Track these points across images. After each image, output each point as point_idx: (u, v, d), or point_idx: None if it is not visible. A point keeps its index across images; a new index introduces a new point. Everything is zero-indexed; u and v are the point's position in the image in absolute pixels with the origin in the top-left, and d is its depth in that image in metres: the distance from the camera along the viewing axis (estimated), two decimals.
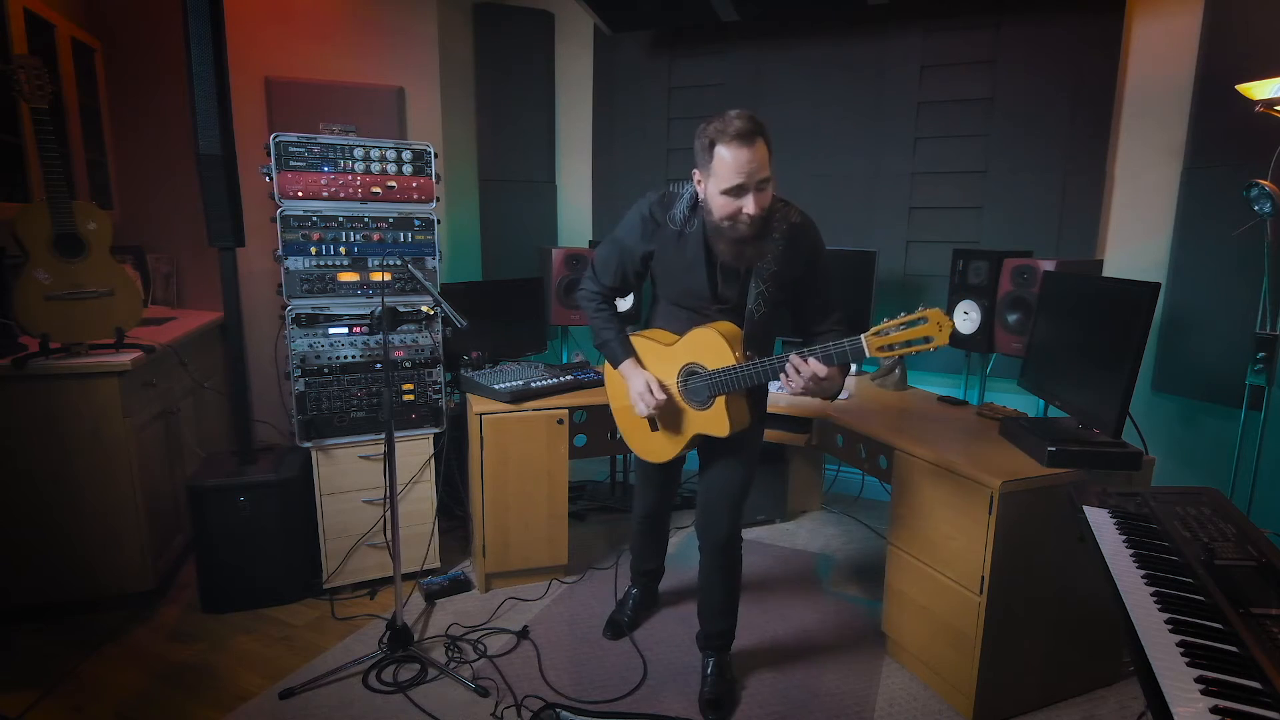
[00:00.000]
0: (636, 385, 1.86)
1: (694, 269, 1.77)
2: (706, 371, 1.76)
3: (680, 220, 1.78)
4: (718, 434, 1.80)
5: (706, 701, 1.99)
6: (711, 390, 1.76)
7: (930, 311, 1.46)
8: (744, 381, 1.70)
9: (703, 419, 1.82)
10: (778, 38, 3.35)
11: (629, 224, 1.87)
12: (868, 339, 1.52)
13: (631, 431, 2.04)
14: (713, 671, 2.05)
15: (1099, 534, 1.39)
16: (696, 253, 1.76)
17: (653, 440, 1.98)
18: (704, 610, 2.08)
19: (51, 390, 2.20)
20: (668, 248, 1.81)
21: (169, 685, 2.06)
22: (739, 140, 1.55)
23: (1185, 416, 2.76)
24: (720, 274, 1.78)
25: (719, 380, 1.74)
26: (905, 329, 1.48)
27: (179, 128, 3.04)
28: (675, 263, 1.81)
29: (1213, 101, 2.56)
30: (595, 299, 1.99)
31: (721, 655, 2.08)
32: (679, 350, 1.84)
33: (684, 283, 1.82)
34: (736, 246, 1.67)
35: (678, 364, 1.85)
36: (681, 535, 3.05)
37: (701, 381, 1.78)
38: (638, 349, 1.95)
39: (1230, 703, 0.89)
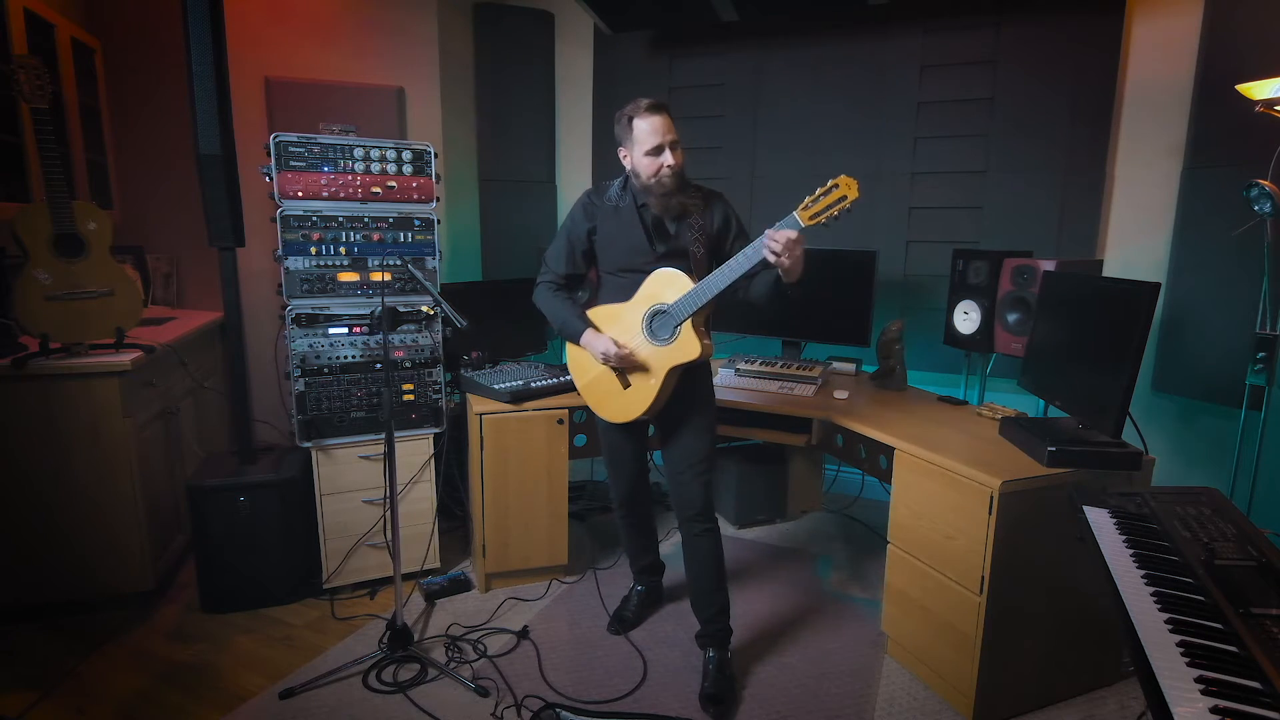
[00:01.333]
0: (601, 345, 2.00)
1: (631, 231, 2.02)
2: (670, 304, 1.93)
3: (615, 197, 2.07)
4: (690, 357, 1.93)
5: (707, 697, 2.01)
6: (677, 318, 1.92)
7: (839, 179, 1.76)
8: (714, 287, 1.87)
9: (671, 351, 1.95)
10: (778, 37, 3.35)
11: (573, 214, 2.13)
12: (798, 213, 1.79)
13: (603, 399, 2.10)
14: (713, 667, 2.07)
15: (1099, 534, 1.39)
16: (631, 218, 2.02)
17: (627, 396, 2.05)
18: (695, 598, 2.15)
19: (51, 390, 2.20)
20: (607, 221, 2.06)
21: (169, 685, 2.06)
22: (650, 111, 1.91)
23: (1185, 416, 2.76)
24: (654, 232, 2.02)
25: (683, 304, 1.90)
26: (824, 197, 1.77)
27: (179, 128, 3.04)
28: (615, 231, 2.04)
29: (1213, 101, 2.56)
30: (550, 287, 2.16)
31: (721, 651, 2.10)
32: (638, 300, 2.00)
33: (624, 245, 2.03)
34: (664, 199, 1.95)
35: (639, 314, 2.00)
36: (678, 536, 3.04)
37: (666, 316, 1.95)
38: (599, 316, 2.09)
39: (1230, 703, 0.89)
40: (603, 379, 2.08)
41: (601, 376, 2.08)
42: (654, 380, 1.98)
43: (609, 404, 2.09)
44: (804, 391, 2.66)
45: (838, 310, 2.89)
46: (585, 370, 2.12)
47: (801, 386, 2.69)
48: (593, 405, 2.14)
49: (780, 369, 2.84)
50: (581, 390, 2.16)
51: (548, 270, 2.16)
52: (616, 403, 2.07)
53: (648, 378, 2.00)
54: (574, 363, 2.17)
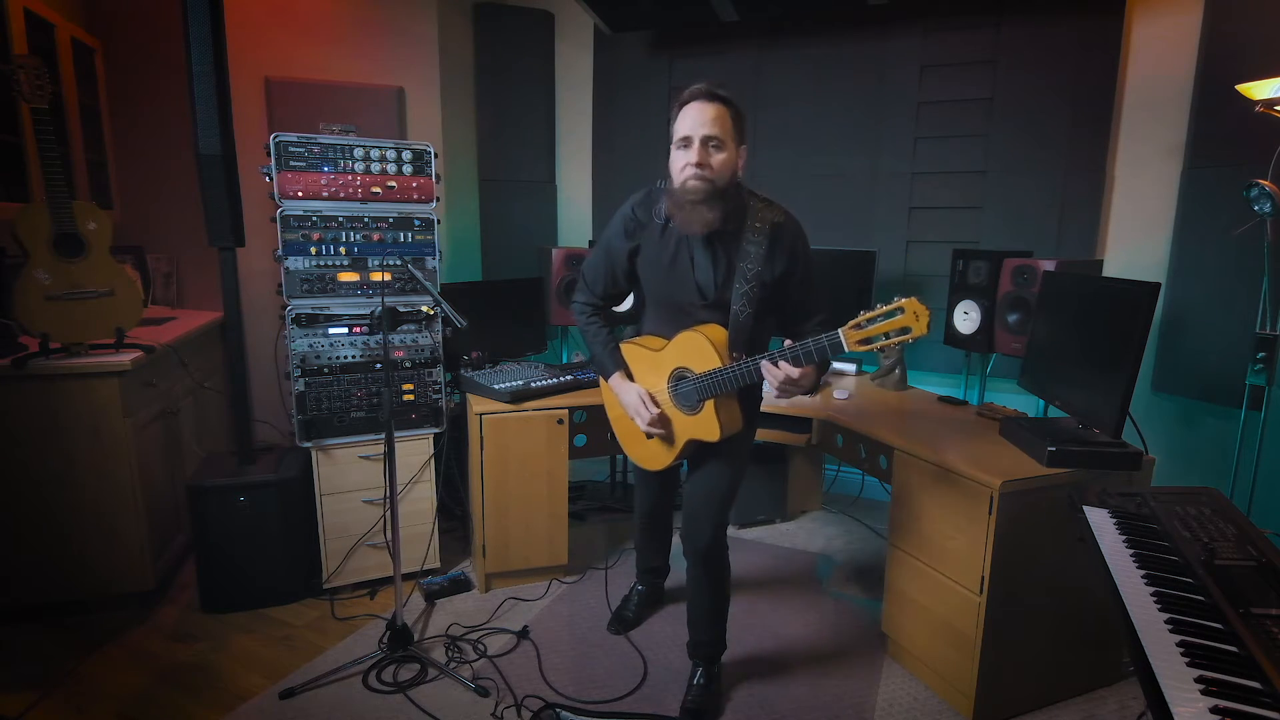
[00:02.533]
0: (629, 399, 1.86)
1: (676, 263, 1.75)
2: (694, 375, 1.74)
3: (664, 215, 1.76)
4: (708, 438, 1.76)
5: (686, 710, 1.96)
6: (700, 394, 1.74)
7: (905, 301, 1.44)
8: (730, 383, 1.68)
9: (693, 424, 1.79)
10: (778, 38, 3.35)
11: (613, 225, 1.86)
12: (845, 332, 1.51)
13: (627, 438, 2.04)
14: (699, 681, 2.01)
15: (1099, 534, 1.39)
16: (679, 247, 1.74)
17: (648, 448, 1.96)
18: (691, 618, 2.06)
19: (51, 390, 2.20)
20: (651, 243, 1.79)
21: (169, 685, 2.06)
22: (693, 97, 1.60)
23: (1185, 416, 2.75)
24: (700, 267, 1.73)
25: (706, 383, 1.71)
26: (884, 320, 1.46)
27: (179, 128, 3.04)
28: (659, 259, 1.78)
29: (1213, 101, 2.56)
30: (586, 310, 1.98)
31: (709, 666, 2.04)
32: (667, 355, 1.82)
33: (668, 279, 1.78)
34: (686, 209, 1.63)
35: (667, 369, 1.82)
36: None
37: (690, 385, 1.76)
38: (627, 356, 1.94)
39: (1230, 703, 0.89)
40: (629, 419, 1.95)
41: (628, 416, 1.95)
42: (674, 447, 1.85)
43: (632, 445, 2.02)
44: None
45: (838, 310, 2.86)
46: (615, 404, 2.00)
47: None
48: (620, 439, 2.06)
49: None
50: (611, 421, 2.07)
51: (585, 288, 1.95)
52: (639, 448, 1.99)
53: (669, 441, 1.87)
54: (608, 392, 2.02)
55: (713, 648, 2.05)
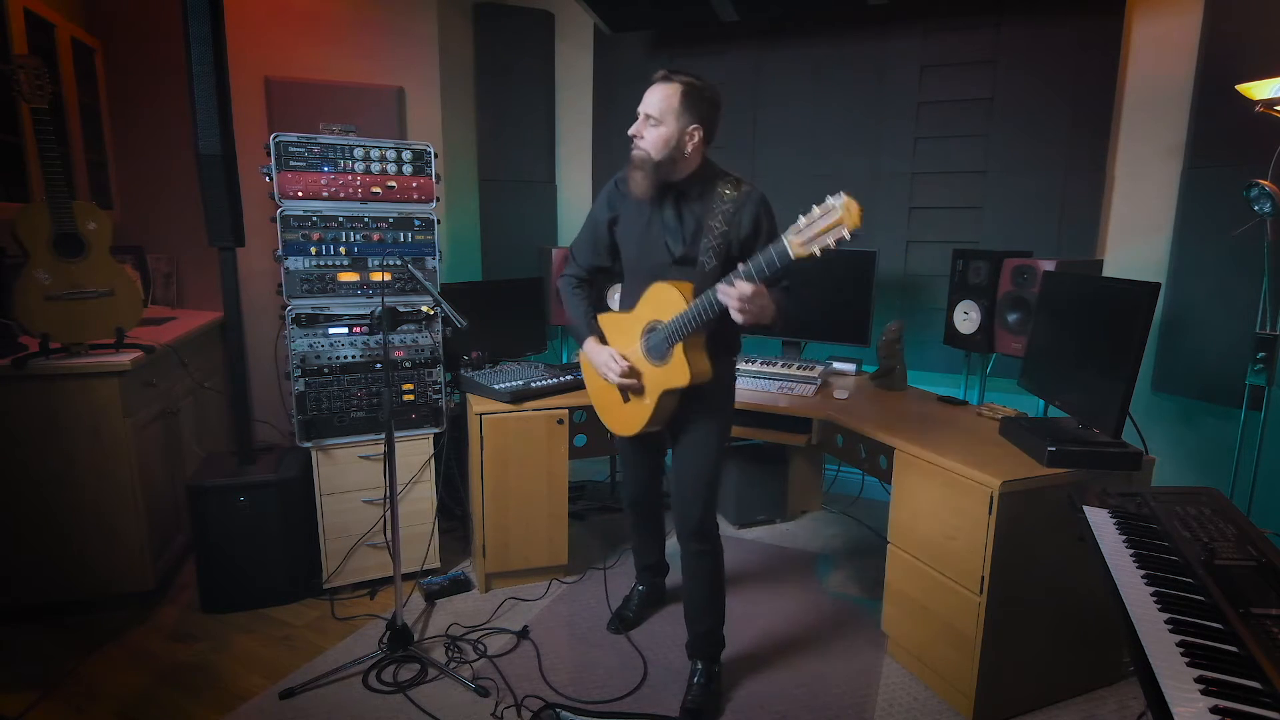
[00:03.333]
0: (600, 358, 1.96)
1: (650, 227, 1.90)
2: (664, 324, 1.83)
3: None
4: (679, 383, 1.81)
5: (686, 710, 1.97)
6: (669, 338, 1.81)
7: (841, 200, 1.55)
8: (695, 318, 1.74)
9: (664, 374, 1.85)
10: (778, 37, 3.35)
11: (598, 200, 2.04)
12: (788, 239, 1.58)
13: (606, 409, 2.08)
14: (699, 679, 2.03)
15: (1099, 534, 1.39)
16: (652, 213, 1.90)
17: (624, 411, 2.00)
18: (688, 610, 2.08)
19: (51, 390, 2.20)
20: (629, 212, 1.96)
21: (169, 685, 2.06)
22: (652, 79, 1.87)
23: (1185, 416, 2.76)
24: (670, 230, 1.88)
25: (674, 326, 1.79)
26: (821, 221, 1.55)
27: (179, 128, 3.04)
28: (633, 225, 1.94)
29: (1213, 101, 2.56)
30: (572, 281, 2.09)
31: (709, 664, 2.05)
32: (638, 312, 1.92)
33: (642, 242, 1.93)
34: (629, 171, 1.85)
35: (639, 326, 1.91)
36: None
37: (660, 335, 1.84)
38: (603, 325, 2.04)
39: (1230, 703, 0.89)
40: (607, 388, 2.02)
41: (606, 385, 2.01)
42: (648, 400, 1.89)
43: (611, 414, 2.06)
44: (804, 391, 2.66)
45: (838, 310, 2.90)
46: (593, 376, 2.07)
47: (801, 386, 2.69)
48: (599, 413, 2.10)
49: (780, 369, 2.84)
50: (591, 395, 2.13)
51: (572, 261, 2.09)
52: (617, 414, 2.03)
53: (642, 398, 1.92)
54: (586, 366, 2.11)
55: (711, 642, 2.06)
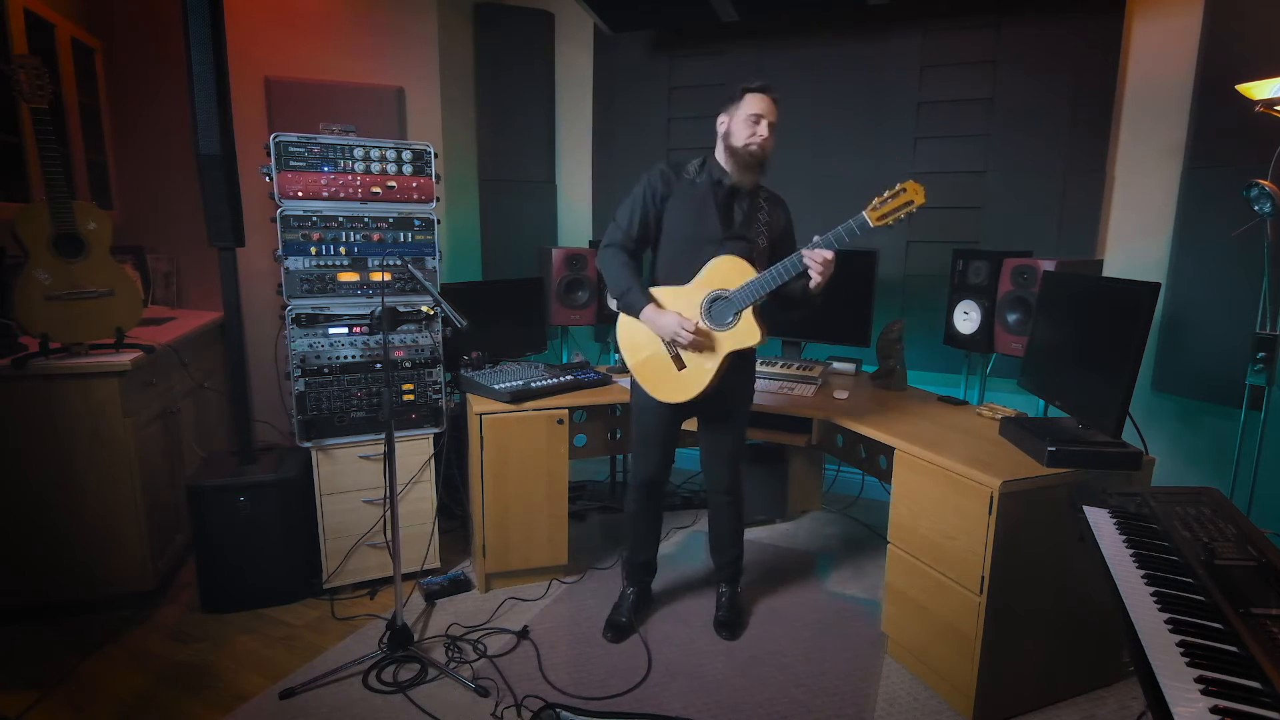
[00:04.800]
0: (667, 322, 2.05)
1: (705, 207, 2.10)
2: (732, 291, 2.02)
3: (693, 172, 2.15)
4: (750, 342, 2.04)
5: (720, 622, 2.35)
6: (739, 305, 2.02)
7: (906, 184, 1.90)
8: (776, 279, 1.98)
9: (734, 335, 2.04)
10: (778, 37, 3.35)
11: (647, 182, 2.15)
12: (867, 213, 1.92)
13: (657, 378, 2.14)
14: (726, 599, 2.40)
15: (1099, 534, 1.39)
16: (705, 195, 2.11)
17: (682, 378, 2.11)
18: (715, 544, 2.43)
19: (51, 390, 2.20)
20: (683, 193, 2.13)
21: (169, 685, 2.06)
22: (764, 91, 2.05)
23: (1185, 416, 2.76)
24: (723, 213, 2.11)
25: (746, 291, 2.00)
26: (893, 199, 1.90)
27: (179, 128, 3.04)
28: (688, 205, 2.12)
29: (1213, 101, 2.56)
30: (621, 251, 2.15)
31: (733, 586, 2.43)
32: (698, 285, 2.07)
33: (694, 220, 2.11)
34: (745, 169, 2.07)
35: (699, 297, 2.07)
36: (681, 535, 3.05)
37: (725, 303, 2.04)
38: (656, 297, 2.12)
39: (1230, 703, 0.89)
40: (657, 358, 2.12)
41: (656, 355, 2.12)
42: (711, 364, 2.06)
43: (664, 384, 2.13)
44: (804, 391, 2.66)
45: (838, 310, 2.89)
46: (639, 348, 2.16)
47: (801, 386, 2.69)
48: (645, 384, 2.17)
49: (780, 369, 2.84)
50: (633, 368, 2.18)
51: (618, 229, 2.15)
52: (672, 383, 2.12)
53: (704, 360, 2.07)
54: (627, 340, 2.19)
55: (736, 566, 2.42)
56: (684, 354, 2.09)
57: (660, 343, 2.11)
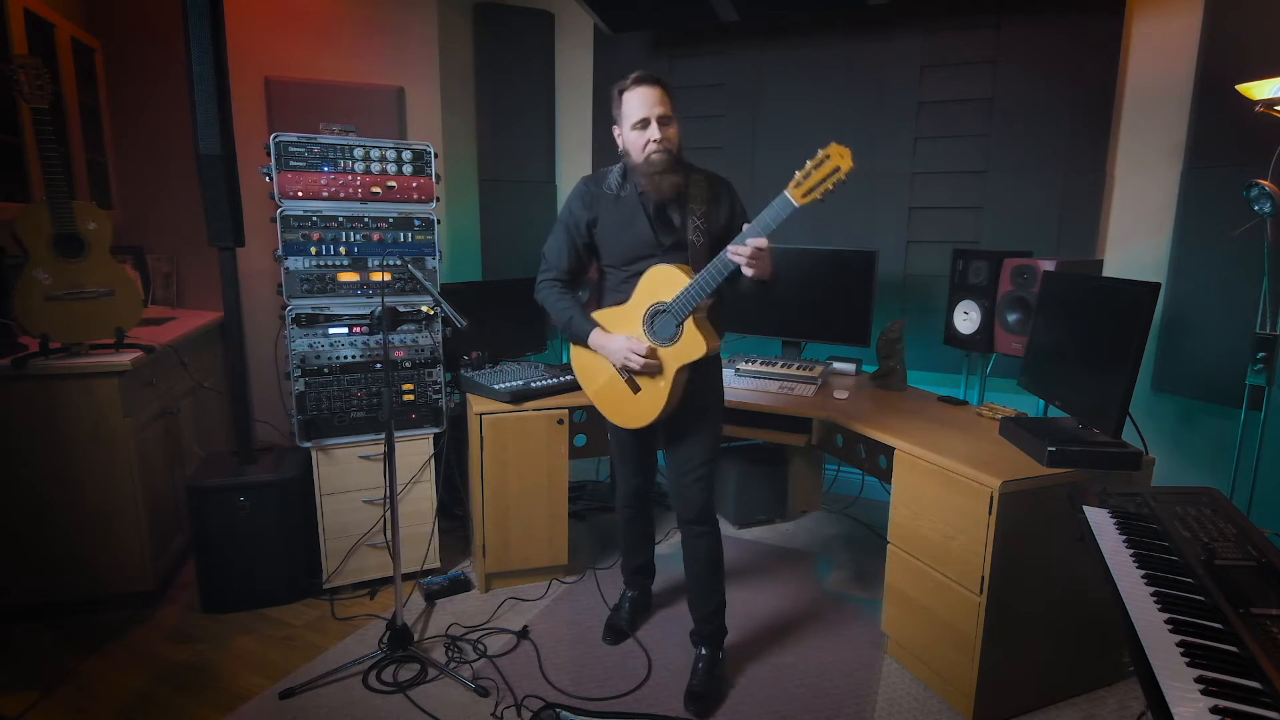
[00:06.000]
0: (616, 346, 1.93)
1: (634, 221, 1.94)
2: (669, 302, 1.86)
3: (615, 185, 1.98)
4: (697, 354, 1.86)
5: (691, 694, 2.01)
6: (678, 316, 1.85)
7: (829, 148, 1.69)
8: (707, 284, 1.80)
9: (678, 350, 1.88)
10: (778, 38, 3.35)
11: (569, 204, 2.03)
12: (789, 191, 1.71)
13: (615, 405, 2.04)
14: (703, 665, 2.07)
15: (1099, 534, 1.39)
16: (633, 207, 1.94)
17: (639, 401, 1.97)
18: (692, 596, 2.15)
19: (51, 390, 2.20)
20: (608, 211, 1.98)
21: (169, 685, 2.06)
22: (637, 83, 1.84)
23: (1185, 416, 2.76)
24: (657, 221, 1.94)
25: (682, 300, 1.83)
26: (815, 170, 1.69)
27: (179, 128, 3.04)
28: (616, 222, 1.96)
29: (1213, 101, 2.56)
30: (554, 285, 2.06)
31: (713, 650, 2.11)
32: (636, 302, 1.93)
33: (627, 237, 1.95)
34: (654, 179, 1.85)
35: (639, 313, 1.92)
36: (676, 536, 3.04)
37: (667, 314, 1.87)
38: (600, 320, 2.01)
39: (1230, 703, 0.89)
40: (613, 384, 2.00)
41: (611, 382, 2.00)
42: (663, 383, 1.91)
43: (622, 410, 2.02)
44: (804, 391, 2.66)
45: (838, 310, 2.90)
46: (593, 377, 2.05)
47: (801, 386, 2.69)
48: (605, 412, 2.06)
49: (780, 369, 2.84)
50: (592, 397, 2.08)
51: (549, 266, 2.06)
52: (630, 409, 2.00)
53: (657, 381, 1.92)
54: (581, 368, 2.09)
55: (715, 625, 2.11)
56: (637, 378, 1.95)
57: (612, 367, 1.98)
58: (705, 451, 2.02)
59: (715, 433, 2.05)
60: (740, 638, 2.31)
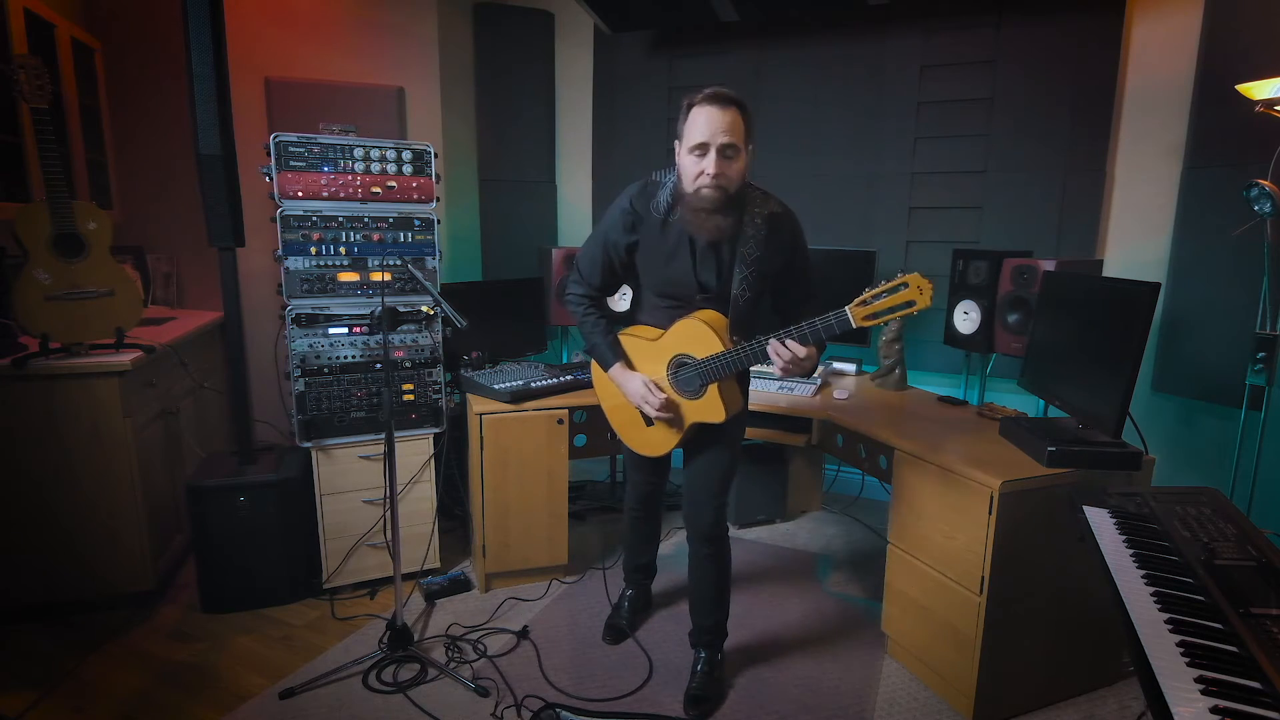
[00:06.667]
0: (634, 388, 1.89)
1: (677, 256, 1.77)
2: (696, 361, 1.78)
3: (664, 209, 1.77)
4: (714, 420, 1.81)
5: (690, 697, 2.00)
6: (703, 379, 1.78)
7: (909, 276, 1.52)
8: (733, 366, 1.73)
9: (697, 408, 1.84)
10: (778, 38, 3.35)
11: (611, 218, 1.87)
12: (852, 310, 1.57)
13: (627, 428, 2.04)
14: (702, 668, 2.06)
15: (1099, 534, 1.39)
16: (680, 240, 1.76)
17: (650, 434, 1.98)
18: (694, 603, 2.11)
19: (51, 390, 2.20)
20: (651, 237, 1.81)
21: (169, 685, 2.06)
22: (709, 101, 1.63)
23: (1185, 416, 2.75)
24: (702, 260, 1.77)
25: (709, 367, 1.76)
26: (888, 295, 1.54)
27: (179, 128, 3.04)
28: (658, 252, 1.80)
29: (1213, 101, 2.55)
30: (583, 303, 1.97)
31: (713, 653, 2.09)
32: (666, 343, 1.86)
33: (667, 272, 1.81)
34: (699, 215, 1.67)
35: (666, 357, 1.86)
36: (679, 535, 3.05)
37: (692, 371, 1.80)
38: (625, 347, 1.96)
39: (1230, 703, 0.89)
40: (628, 409, 1.99)
41: (626, 406, 1.98)
42: (677, 430, 1.89)
43: (633, 434, 2.03)
44: (804, 391, 2.66)
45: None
46: (612, 394, 2.01)
47: (801, 386, 2.69)
48: (616, 428, 2.06)
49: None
50: (607, 412, 2.08)
51: (581, 279, 1.94)
52: (640, 436, 2.00)
53: (672, 426, 1.89)
54: (599, 384, 2.07)
55: (716, 633, 2.09)
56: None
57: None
58: (724, 470, 1.94)
59: (736, 448, 1.98)
60: (740, 638, 2.31)
